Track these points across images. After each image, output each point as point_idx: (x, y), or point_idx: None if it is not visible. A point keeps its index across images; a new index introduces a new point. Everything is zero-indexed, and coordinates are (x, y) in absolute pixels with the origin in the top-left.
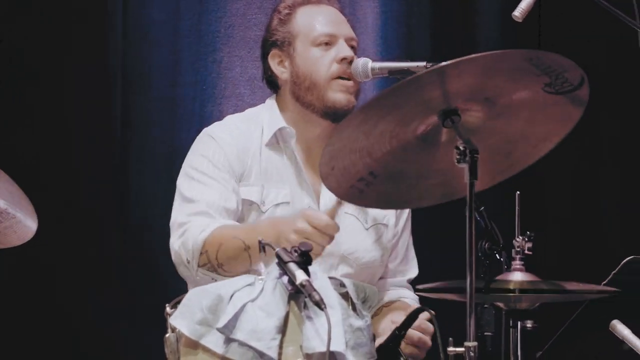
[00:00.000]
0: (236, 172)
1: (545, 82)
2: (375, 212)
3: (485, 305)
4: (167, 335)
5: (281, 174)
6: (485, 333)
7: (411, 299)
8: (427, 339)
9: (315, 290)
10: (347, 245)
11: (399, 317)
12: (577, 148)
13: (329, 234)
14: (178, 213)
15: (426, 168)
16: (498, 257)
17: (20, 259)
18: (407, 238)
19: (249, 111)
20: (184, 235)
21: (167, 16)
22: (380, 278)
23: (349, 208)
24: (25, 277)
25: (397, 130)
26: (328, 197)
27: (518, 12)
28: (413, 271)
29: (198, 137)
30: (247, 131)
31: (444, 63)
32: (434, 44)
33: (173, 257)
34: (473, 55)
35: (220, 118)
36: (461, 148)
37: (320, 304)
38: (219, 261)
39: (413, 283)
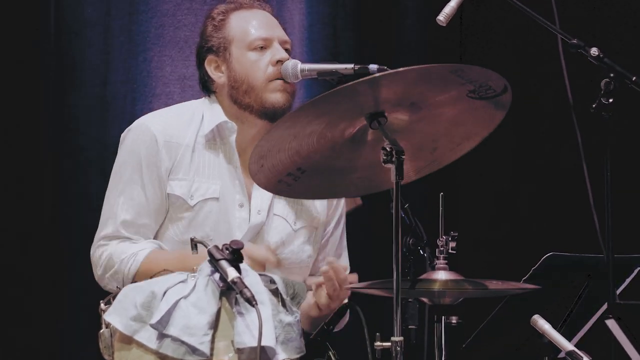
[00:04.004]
0: (165, 165)
1: (470, 89)
2: (305, 215)
3: (410, 300)
4: (101, 330)
5: (213, 170)
6: (410, 326)
7: None
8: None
9: (246, 287)
10: (274, 246)
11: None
12: (497, 150)
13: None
14: (101, 225)
15: (352, 164)
16: (422, 253)
17: None
18: (337, 238)
19: (185, 105)
20: (110, 266)
21: (98, 16)
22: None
23: (278, 210)
24: None
25: (325, 131)
26: (259, 197)
27: (442, 17)
28: None
29: (132, 127)
30: (182, 124)
31: (377, 74)
32: (359, 46)
33: (95, 272)
34: (405, 69)
35: None
36: (388, 149)
37: (251, 301)
38: None
39: None
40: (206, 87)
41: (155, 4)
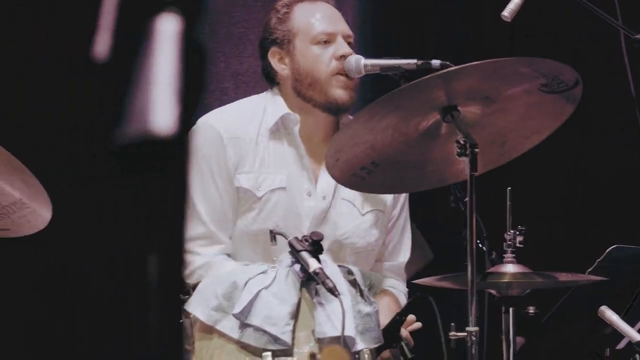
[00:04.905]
0: (232, 161)
1: (542, 83)
2: (371, 199)
3: None
4: (181, 320)
5: (279, 161)
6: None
7: (399, 291)
8: None
9: (328, 277)
10: (343, 230)
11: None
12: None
13: None
14: (189, 226)
15: (424, 157)
16: (481, 246)
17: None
18: (402, 223)
19: (246, 100)
20: (199, 279)
21: None
22: (375, 261)
23: (345, 194)
24: (38, 266)
25: (400, 125)
26: (326, 183)
27: (507, 13)
28: (404, 255)
29: (196, 127)
30: (244, 119)
31: (451, 69)
32: (410, 41)
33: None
34: (478, 62)
35: (205, 111)
36: (461, 142)
37: (334, 291)
38: None
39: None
40: (270, 79)
41: (208, 1)
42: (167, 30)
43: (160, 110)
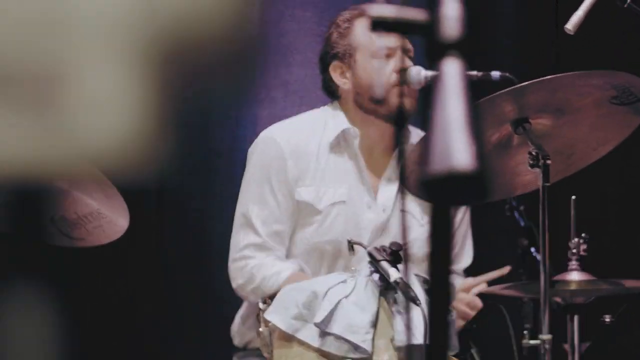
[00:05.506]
0: (293, 174)
1: (612, 95)
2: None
3: (524, 300)
4: (260, 329)
5: (339, 174)
6: (525, 325)
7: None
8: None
9: (409, 287)
10: (403, 241)
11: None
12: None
13: None
14: (240, 236)
15: (495, 168)
16: (534, 255)
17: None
18: (463, 232)
19: (307, 114)
20: (252, 280)
21: None
22: None
23: (404, 205)
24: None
25: None
26: (385, 195)
27: (570, 26)
28: (467, 260)
29: (258, 140)
30: (305, 133)
31: (526, 83)
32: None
33: (234, 280)
34: (551, 77)
35: (254, 121)
36: (534, 153)
37: (416, 300)
38: None
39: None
40: (331, 93)
41: (261, 11)
42: (452, 72)
43: (459, 148)
